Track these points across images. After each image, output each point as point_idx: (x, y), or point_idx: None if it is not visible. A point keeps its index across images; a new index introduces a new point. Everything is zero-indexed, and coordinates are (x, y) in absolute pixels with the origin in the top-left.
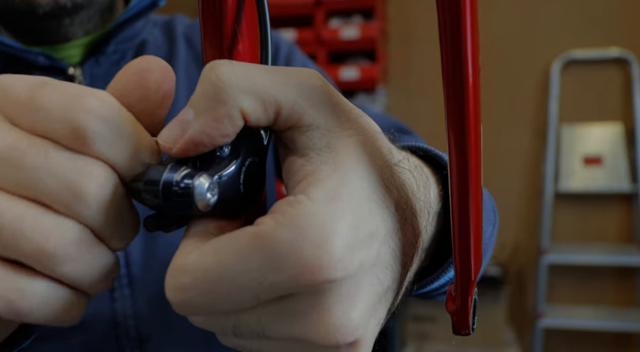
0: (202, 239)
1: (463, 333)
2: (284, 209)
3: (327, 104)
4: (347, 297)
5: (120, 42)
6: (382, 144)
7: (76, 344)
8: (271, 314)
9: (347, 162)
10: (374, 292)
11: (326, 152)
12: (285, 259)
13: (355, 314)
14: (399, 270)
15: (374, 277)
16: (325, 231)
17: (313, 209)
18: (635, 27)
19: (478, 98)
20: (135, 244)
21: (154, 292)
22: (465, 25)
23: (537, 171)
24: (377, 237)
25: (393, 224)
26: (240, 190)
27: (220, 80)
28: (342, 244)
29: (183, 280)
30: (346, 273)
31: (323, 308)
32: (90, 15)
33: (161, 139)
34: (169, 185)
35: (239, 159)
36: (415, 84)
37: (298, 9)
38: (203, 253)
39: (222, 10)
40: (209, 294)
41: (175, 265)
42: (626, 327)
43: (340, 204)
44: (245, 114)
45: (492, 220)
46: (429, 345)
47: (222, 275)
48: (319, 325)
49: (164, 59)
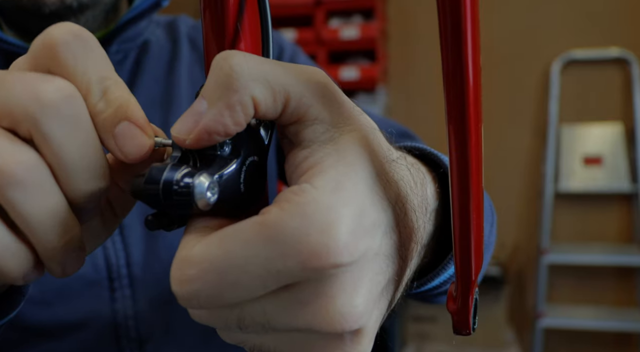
0: (205, 234)
1: (464, 333)
2: (289, 198)
3: (332, 100)
4: (351, 285)
5: (122, 42)
6: (381, 141)
7: (76, 343)
8: (276, 304)
9: (350, 155)
10: (377, 281)
11: (329, 145)
12: (292, 246)
13: (359, 301)
14: (399, 262)
15: (376, 266)
16: (330, 218)
17: (318, 196)
18: (635, 27)
19: (479, 98)
20: (136, 245)
21: (155, 293)
22: (466, 25)
23: (537, 171)
24: (379, 227)
25: (393, 217)
26: (241, 189)
27: (232, 70)
28: (347, 230)
29: (189, 271)
30: (351, 259)
31: (327, 295)
32: (96, 15)
33: (175, 131)
34: (170, 184)
35: (240, 158)
36: (415, 84)
37: (298, 9)
38: (209, 244)
39: (224, 9)
40: (216, 285)
41: (180, 257)
42: (626, 327)
43: (344, 193)
44: (256, 102)
45: (490, 218)
46: (429, 345)
47: (229, 264)
48: (324, 312)
49: (167, 59)
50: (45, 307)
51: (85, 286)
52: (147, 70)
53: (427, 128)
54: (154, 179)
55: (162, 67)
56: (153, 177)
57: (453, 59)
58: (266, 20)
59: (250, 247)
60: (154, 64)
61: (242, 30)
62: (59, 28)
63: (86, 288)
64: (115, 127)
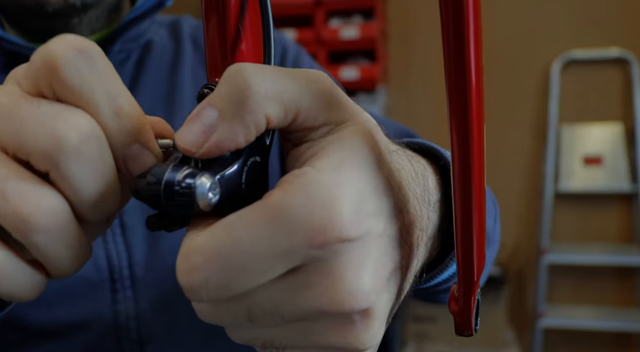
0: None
1: (466, 334)
2: (290, 180)
3: (338, 104)
4: (357, 262)
5: (125, 41)
6: (382, 135)
7: (77, 344)
8: (284, 290)
9: (351, 143)
10: (383, 262)
11: (331, 136)
12: (297, 223)
13: (366, 279)
14: (405, 248)
15: (382, 247)
16: (333, 195)
17: (319, 177)
18: (635, 27)
19: (481, 98)
20: (139, 246)
21: (157, 294)
22: (468, 24)
23: (537, 171)
24: (382, 211)
25: (396, 203)
26: (242, 189)
27: (248, 87)
28: (349, 207)
29: (196, 260)
30: (356, 234)
31: (334, 274)
32: (99, 14)
33: (182, 142)
34: (171, 184)
35: (241, 159)
36: (415, 84)
37: (298, 9)
38: (213, 231)
39: (225, 9)
40: (224, 271)
41: (185, 248)
42: (626, 327)
43: (345, 174)
44: (269, 119)
45: (492, 212)
46: (429, 345)
47: (235, 249)
48: (331, 292)
49: (170, 59)
50: (47, 307)
51: (87, 286)
52: (150, 70)
53: (427, 128)
54: (156, 180)
55: (165, 67)
56: (154, 177)
57: (455, 58)
58: (268, 21)
59: (255, 230)
60: (156, 64)
61: (243, 31)
62: (59, 44)
63: (88, 289)
64: (126, 149)
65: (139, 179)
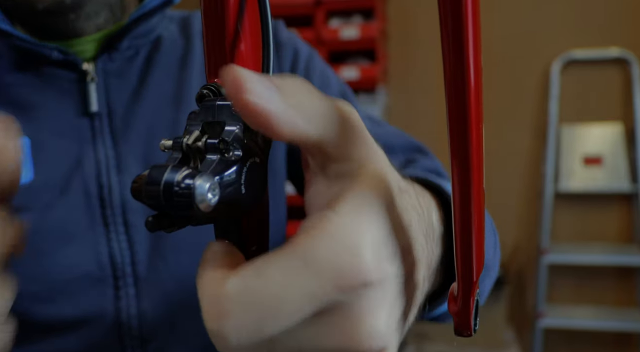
0: (220, 261)
1: (465, 334)
2: (314, 224)
3: (360, 140)
4: (376, 305)
5: (134, 38)
6: (395, 174)
7: (79, 341)
8: (308, 330)
9: (370, 186)
10: (397, 303)
11: (351, 178)
12: (326, 267)
13: (383, 321)
14: (412, 286)
15: (396, 288)
16: (356, 239)
17: (341, 220)
18: (635, 27)
19: (480, 98)
20: (141, 244)
21: (159, 292)
22: (467, 25)
23: (537, 171)
24: (395, 254)
25: (406, 243)
26: (242, 190)
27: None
28: (372, 252)
29: (228, 305)
30: (378, 278)
31: (356, 317)
32: (97, 10)
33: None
34: (170, 185)
35: (241, 160)
36: (415, 84)
37: (298, 9)
38: (245, 275)
39: (224, 9)
40: (257, 316)
41: (213, 292)
42: (626, 327)
43: (365, 218)
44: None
45: (492, 241)
46: (428, 345)
47: (269, 294)
48: (353, 333)
49: (179, 55)
50: (50, 303)
51: (90, 283)
52: (159, 66)
53: (427, 128)
54: (155, 180)
55: (174, 64)
56: (154, 178)
57: (454, 58)
58: (266, 22)
59: (287, 273)
60: (166, 60)
61: (242, 31)
62: None
63: (91, 286)
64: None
65: (138, 180)
